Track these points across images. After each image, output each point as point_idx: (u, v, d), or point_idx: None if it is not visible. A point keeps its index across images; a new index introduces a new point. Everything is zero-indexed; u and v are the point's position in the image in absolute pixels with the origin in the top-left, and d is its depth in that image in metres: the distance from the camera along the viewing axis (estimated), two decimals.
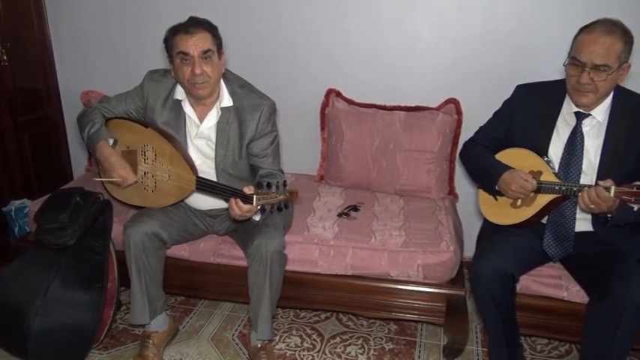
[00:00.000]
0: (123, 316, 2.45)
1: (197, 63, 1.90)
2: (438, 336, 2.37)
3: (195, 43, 1.90)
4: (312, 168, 2.87)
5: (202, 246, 2.26)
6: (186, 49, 1.90)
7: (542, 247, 1.96)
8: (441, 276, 2.13)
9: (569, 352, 2.27)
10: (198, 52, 1.90)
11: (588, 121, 1.88)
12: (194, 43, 1.90)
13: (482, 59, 2.60)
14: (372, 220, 2.35)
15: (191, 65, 1.90)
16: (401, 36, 2.66)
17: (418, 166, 2.57)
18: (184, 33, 1.90)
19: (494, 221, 2.04)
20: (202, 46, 1.90)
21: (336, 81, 2.77)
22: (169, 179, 2.04)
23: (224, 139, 2.05)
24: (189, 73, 1.91)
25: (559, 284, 1.99)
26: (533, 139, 1.97)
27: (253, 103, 2.05)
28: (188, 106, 2.06)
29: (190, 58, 1.90)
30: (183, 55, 1.91)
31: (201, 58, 1.91)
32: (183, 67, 1.92)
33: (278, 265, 1.99)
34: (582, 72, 1.76)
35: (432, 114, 2.60)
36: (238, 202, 1.83)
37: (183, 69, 1.93)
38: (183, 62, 1.92)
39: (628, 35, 1.76)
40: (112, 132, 2.11)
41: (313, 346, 2.30)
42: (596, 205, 1.73)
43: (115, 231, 2.25)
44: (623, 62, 1.77)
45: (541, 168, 1.91)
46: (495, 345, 1.96)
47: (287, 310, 2.54)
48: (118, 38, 2.96)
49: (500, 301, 1.86)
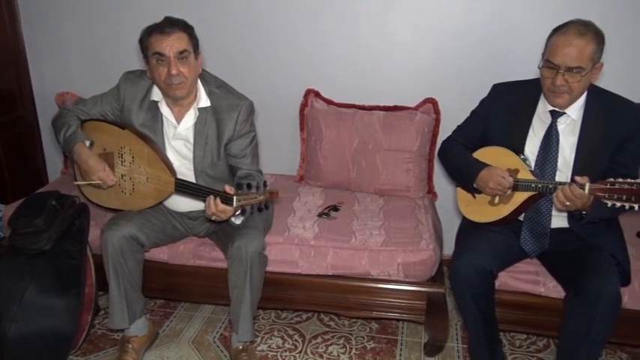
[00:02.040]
0: (101, 320, 2.42)
1: (173, 63, 1.88)
2: (418, 334, 2.39)
3: (171, 44, 1.88)
4: (292, 168, 2.87)
5: (182, 248, 2.24)
6: (161, 50, 1.88)
7: (520, 244, 1.98)
8: (421, 274, 2.14)
9: (547, 347, 2.31)
10: (174, 53, 1.88)
11: (563, 119, 1.92)
12: (170, 44, 1.88)
13: (459, 59, 2.63)
14: (352, 220, 2.35)
15: (167, 66, 1.89)
16: (379, 37, 2.68)
17: (397, 165, 2.59)
18: (160, 33, 1.88)
19: (472, 219, 2.06)
20: (178, 46, 1.88)
21: (315, 81, 2.77)
22: (147, 181, 2.02)
23: (202, 139, 2.03)
24: (165, 74, 1.89)
25: (536, 280, 2.02)
26: (510, 137, 2.00)
27: (231, 104, 2.03)
28: (165, 107, 2.04)
29: (166, 58, 1.88)
30: (158, 56, 1.89)
31: (177, 59, 1.89)
32: (159, 67, 1.90)
33: (258, 267, 1.99)
34: (557, 74, 1.79)
35: (410, 114, 2.62)
36: (217, 200, 1.82)
37: (159, 70, 1.91)
38: (159, 63, 1.90)
39: (600, 36, 1.79)
40: (88, 134, 2.08)
41: (295, 346, 2.30)
42: (572, 203, 1.76)
43: (92, 235, 2.21)
44: (596, 62, 1.81)
45: (518, 166, 1.94)
46: (475, 341, 1.98)
47: (268, 312, 2.53)
48: (93, 39, 2.92)
49: (480, 298, 1.88)
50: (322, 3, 2.67)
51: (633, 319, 1.97)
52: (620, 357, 2.24)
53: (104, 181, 2.01)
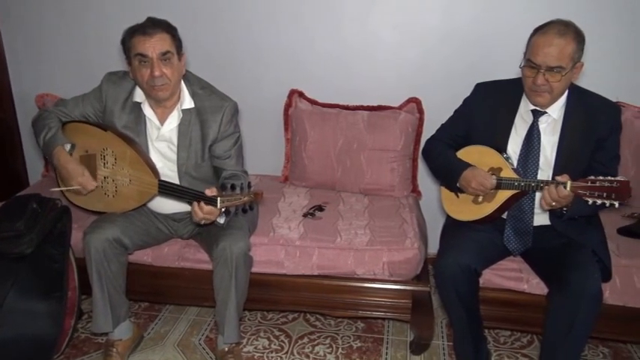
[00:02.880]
0: (85, 324, 2.39)
1: (156, 65, 1.86)
2: (404, 332, 2.40)
3: (154, 45, 1.86)
4: (277, 169, 2.86)
5: (166, 250, 2.22)
6: (144, 51, 1.86)
7: (503, 242, 2.00)
8: (406, 273, 2.15)
9: (530, 343, 2.33)
10: (156, 54, 1.86)
11: (544, 118, 1.94)
12: (152, 45, 1.86)
13: (442, 59, 2.65)
14: (338, 220, 2.36)
15: (150, 67, 1.87)
16: (362, 37, 2.68)
17: (382, 164, 2.60)
18: (142, 34, 1.86)
19: (456, 218, 2.08)
20: (161, 47, 1.87)
21: (299, 82, 2.76)
22: (130, 183, 2.00)
23: (186, 141, 2.02)
24: (148, 75, 1.88)
25: (520, 277, 2.04)
26: (493, 136, 2.01)
27: (215, 105, 2.02)
28: (148, 109, 2.02)
29: (149, 59, 1.87)
30: (141, 57, 1.87)
31: (160, 60, 1.87)
32: (142, 69, 1.88)
33: (243, 268, 1.98)
34: (537, 73, 1.81)
35: (394, 113, 2.63)
36: (200, 203, 1.81)
37: (142, 71, 1.89)
38: (142, 64, 1.88)
39: (580, 35, 1.82)
40: (69, 136, 2.05)
41: (281, 347, 2.30)
42: (557, 203, 1.79)
43: (75, 238, 2.19)
44: (577, 62, 1.83)
45: (501, 164, 1.96)
46: (460, 339, 2.00)
47: (254, 313, 2.52)
48: (74, 39, 2.88)
49: (464, 296, 1.90)
50: (306, 3, 2.67)
51: (614, 315, 2.00)
52: (602, 352, 2.28)
53: (84, 186, 1.98)
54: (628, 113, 2.40)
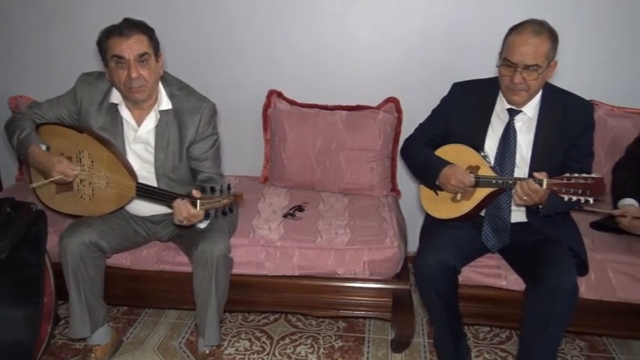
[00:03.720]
0: (62, 330, 2.35)
1: (133, 66, 1.83)
2: (385, 331, 2.41)
3: (131, 47, 1.83)
4: (256, 169, 2.85)
5: (144, 253, 2.20)
6: (120, 53, 1.83)
7: (481, 239, 2.03)
8: (386, 272, 2.16)
9: (509, 338, 2.36)
10: (134, 56, 1.83)
11: (520, 117, 1.97)
12: (129, 47, 1.83)
13: (419, 58, 2.67)
14: (318, 220, 2.36)
15: (127, 69, 1.84)
16: (340, 37, 2.69)
17: (361, 164, 2.61)
18: (119, 36, 1.83)
19: (435, 216, 2.10)
20: (138, 49, 1.84)
21: (277, 82, 2.76)
22: (108, 186, 1.97)
23: (163, 142, 2.00)
24: (125, 77, 1.85)
25: (498, 273, 2.07)
26: (470, 135, 2.04)
27: (193, 106, 2.00)
28: (125, 110, 1.99)
29: (126, 61, 1.84)
30: (118, 59, 1.84)
31: (137, 62, 1.85)
32: (119, 70, 1.86)
33: (224, 269, 1.97)
34: (515, 72, 1.84)
35: (372, 113, 2.64)
36: (188, 205, 1.78)
37: (119, 73, 1.86)
38: (119, 66, 1.85)
39: (554, 35, 1.85)
40: (43, 138, 2.01)
41: (263, 348, 2.29)
42: (529, 198, 1.81)
43: (51, 242, 2.14)
44: (551, 60, 1.87)
45: (478, 163, 1.99)
46: (440, 336, 2.02)
47: (235, 314, 2.51)
48: (48, 40, 2.83)
49: (444, 293, 1.92)
50: (284, 4, 2.66)
51: (590, 309, 2.03)
52: (579, 345, 2.32)
53: (64, 172, 1.91)
54: (601, 111, 2.45)
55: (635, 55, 2.53)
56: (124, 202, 1.99)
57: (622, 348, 2.30)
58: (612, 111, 2.49)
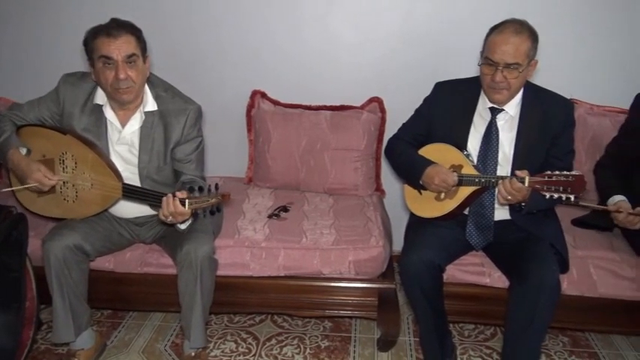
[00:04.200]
0: (44, 335, 2.32)
1: (121, 67, 1.82)
2: (371, 330, 2.42)
3: (119, 47, 1.81)
4: (240, 170, 2.84)
5: (128, 256, 2.18)
6: (109, 53, 1.81)
7: (465, 237, 2.04)
8: (371, 271, 2.17)
9: (494, 335, 2.39)
10: (122, 57, 1.81)
11: (502, 115, 1.99)
12: (117, 47, 1.81)
13: (402, 58, 2.68)
14: (303, 220, 2.36)
15: (114, 70, 1.82)
16: (323, 37, 2.69)
17: (345, 164, 2.61)
18: (107, 36, 1.81)
19: (419, 215, 2.11)
20: (126, 50, 1.82)
21: (261, 82, 2.75)
22: (92, 188, 1.95)
23: (148, 143, 1.98)
24: (112, 78, 1.83)
25: (482, 271, 2.09)
26: (453, 134, 2.05)
27: (179, 108, 1.99)
28: (109, 111, 1.97)
29: (113, 62, 1.82)
30: (105, 59, 1.82)
31: (126, 63, 1.83)
32: (106, 71, 1.83)
33: (209, 271, 1.96)
34: (496, 71, 1.86)
35: (356, 113, 2.65)
36: (176, 201, 1.75)
37: (106, 73, 1.84)
38: (106, 66, 1.83)
39: (534, 34, 1.88)
40: (25, 140, 1.98)
41: (249, 350, 2.28)
42: (512, 197, 1.83)
43: (32, 246, 2.11)
44: (531, 59, 1.89)
45: (461, 162, 2.00)
46: (426, 334, 2.03)
47: (220, 316, 2.50)
48: (29, 40, 2.78)
49: (429, 291, 1.93)
50: (267, 4, 2.66)
51: (572, 305, 2.06)
52: (562, 341, 2.35)
53: (41, 181, 1.89)
54: (581, 110, 2.49)
55: (613, 55, 2.57)
56: (109, 203, 1.97)
57: (604, 342, 2.34)
58: (592, 109, 2.53)
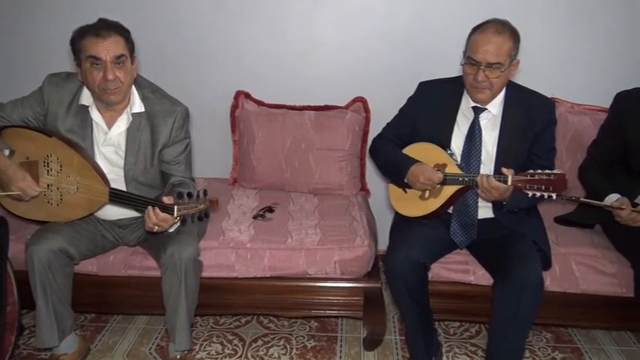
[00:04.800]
0: (26, 340, 2.28)
1: (109, 68, 1.80)
2: (357, 329, 2.43)
3: (108, 48, 1.80)
4: (225, 171, 2.83)
5: (112, 259, 2.15)
6: (97, 54, 1.79)
7: (450, 236, 2.06)
8: (357, 270, 2.18)
9: (479, 332, 2.41)
10: (110, 57, 1.80)
11: (485, 114, 2.01)
12: (106, 48, 1.79)
13: (385, 58, 2.69)
14: (288, 220, 2.36)
15: (103, 70, 1.80)
16: (307, 37, 2.69)
17: (330, 164, 2.61)
18: (95, 36, 1.79)
19: (404, 214, 2.12)
20: (115, 50, 1.81)
21: (245, 83, 2.74)
22: (78, 191, 1.92)
23: (135, 145, 1.97)
24: (100, 79, 1.82)
25: (466, 269, 2.10)
26: (437, 133, 2.06)
27: (166, 109, 1.98)
28: (95, 112, 1.95)
29: (102, 62, 1.80)
30: (93, 60, 1.80)
31: (114, 63, 1.81)
32: (94, 71, 1.82)
33: (193, 273, 1.94)
34: (478, 70, 1.88)
35: (340, 113, 2.65)
36: (156, 209, 1.75)
37: (94, 74, 1.82)
38: (94, 67, 1.81)
39: (516, 34, 1.90)
40: (8, 142, 1.95)
41: (235, 351, 2.27)
42: (489, 193, 1.85)
43: (14, 249, 2.07)
44: (513, 59, 1.91)
45: (445, 161, 2.01)
46: (412, 332, 2.04)
47: (206, 318, 2.48)
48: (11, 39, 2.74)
49: (415, 290, 1.94)
50: (250, 3, 2.65)
51: (555, 301, 2.09)
52: (546, 337, 2.38)
53: (24, 191, 1.89)
54: (562, 109, 2.52)
55: (592, 55, 2.62)
56: (95, 207, 1.95)
57: (586, 338, 2.37)
58: (572, 108, 2.57)
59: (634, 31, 2.57)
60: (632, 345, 2.33)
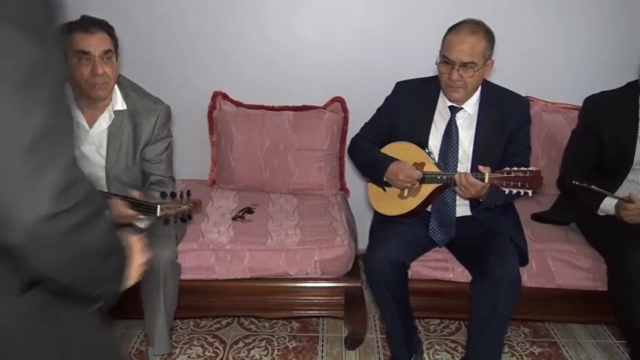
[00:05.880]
0: None
1: (98, 63, 1.82)
2: (339, 329, 2.43)
3: (96, 43, 1.82)
4: (203, 173, 2.81)
5: None
6: (87, 48, 1.81)
7: (429, 234, 2.08)
8: (337, 270, 2.18)
9: (458, 329, 2.43)
10: (99, 52, 1.82)
11: (461, 114, 2.03)
12: (95, 43, 1.82)
13: (363, 58, 2.70)
14: (268, 221, 2.35)
15: (91, 65, 1.82)
16: (285, 37, 2.69)
17: (309, 164, 2.62)
18: (84, 32, 1.81)
19: (384, 213, 2.13)
20: (103, 46, 1.84)
21: (222, 83, 2.73)
22: None
23: (116, 143, 1.96)
24: (89, 74, 1.82)
25: (446, 267, 2.12)
26: (414, 132, 2.08)
27: (149, 107, 2.00)
28: (77, 111, 1.93)
29: (91, 57, 1.82)
30: (82, 54, 1.81)
31: (102, 59, 1.83)
32: (82, 67, 1.82)
33: (172, 276, 1.93)
34: (452, 69, 1.90)
35: (319, 113, 2.66)
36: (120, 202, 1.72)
37: (82, 69, 1.83)
38: (82, 62, 1.82)
39: (490, 34, 1.92)
40: None
41: (216, 354, 2.26)
42: (467, 190, 1.87)
43: None
44: (487, 59, 1.94)
45: (423, 159, 2.03)
46: (393, 331, 2.05)
47: (186, 321, 2.46)
48: None
49: (395, 289, 1.95)
50: (231, 4, 2.64)
51: (532, 296, 2.12)
52: (524, 332, 2.42)
53: None
54: (536, 107, 2.57)
55: (564, 55, 2.67)
56: None
57: (563, 332, 2.42)
58: (546, 106, 2.62)
59: (605, 32, 2.64)
60: (607, 338, 2.38)
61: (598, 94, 2.19)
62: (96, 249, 0.76)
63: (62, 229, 0.67)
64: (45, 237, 0.66)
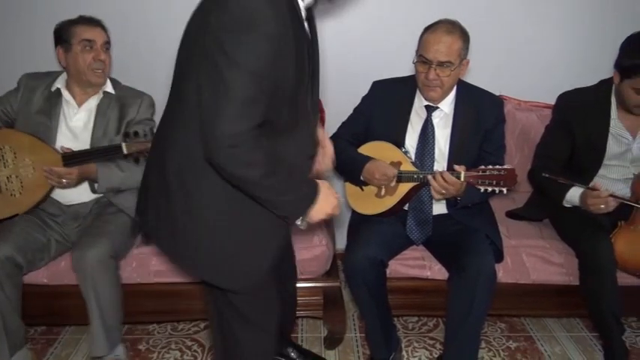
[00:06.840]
0: None
1: (100, 50, 2.05)
2: (318, 328, 2.43)
3: (100, 34, 2.06)
4: None
5: (62, 265, 2.07)
6: (92, 37, 2.03)
7: (406, 232, 2.09)
8: (316, 270, 2.18)
9: (436, 326, 2.46)
10: (101, 42, 2.06)
11: (437, 113, 2.05)
12: (98, 33, 2.05)
13: (339, 58, 2.70)
14: None
15: (94, 52, 2.03)
16: None
17: None
18: (88, 24, 2.04)
19: (361, 212, 2.14)
20: (103, 37, 2.07)
21: None
22: (35, 171, 1.98)
23: (104, 119, 2.10)
24: (91, 59, 2.02)
25: (423, 265, 2.14)
26: (391, 131, 2.09)
27: (135, 93, 2.19)
28: (66, 92, 2.09)
29: (94, 45, 2.03)
30: (87, 42, 2.02)
31: (103, 48, 2.06)
32: (85, 54, 2.02)
33: (102, 275, 1.90)
34: (429, 69, 1.92)
35: None
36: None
37: (85, 56, 2.02)
38: (86, 50, 2.02)
39: (465, 34, 1.95)
40: None
41: (194, 357, 2.23)
42: (446, 190, 1.89)
43: None
44: (463, 58, 1.96)
45: (400, 159, 2.04)
46: (372, 329, 2.06)
47: (163, 325, 2.43)
48: None
49: (373, 287, 1.96)
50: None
51: (508, 292, 2.15)
52: (500, 327, 2.45)
53: None
54: (510, 106, 2.60)
55: (537, 55, 2.71)
56: None
57: (538, 326, 2.46)
58: (519, 105, 2.66)
59: (575, 32, 2.68)
60: (580, 331, 2.43)
61: (572, 91, 2.23)
62: (258, 162, 1.24)
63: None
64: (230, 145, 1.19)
